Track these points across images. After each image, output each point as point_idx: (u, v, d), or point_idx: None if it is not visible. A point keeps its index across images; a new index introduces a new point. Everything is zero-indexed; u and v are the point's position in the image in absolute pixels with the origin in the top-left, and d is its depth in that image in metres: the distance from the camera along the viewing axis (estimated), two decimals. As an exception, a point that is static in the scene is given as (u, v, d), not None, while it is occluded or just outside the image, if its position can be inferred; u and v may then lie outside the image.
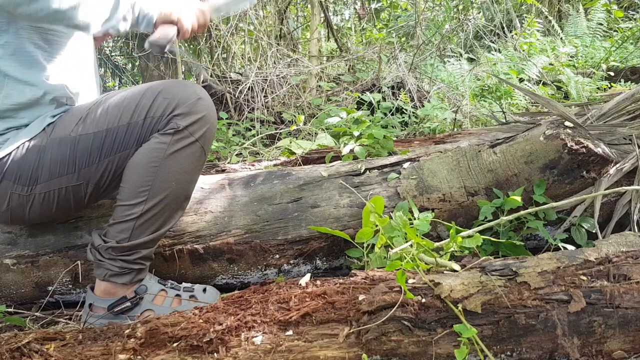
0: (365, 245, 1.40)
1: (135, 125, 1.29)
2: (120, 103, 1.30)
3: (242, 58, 4.12)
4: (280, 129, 3.28)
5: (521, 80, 3.77)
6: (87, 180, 1.32)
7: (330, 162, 1.92)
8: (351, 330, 1.06)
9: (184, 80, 1.37)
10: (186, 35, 1.36)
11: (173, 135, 1.28)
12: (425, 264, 1.22)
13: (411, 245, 1.23)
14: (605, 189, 1.44)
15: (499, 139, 1.59)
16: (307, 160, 2.15)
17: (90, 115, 1.30)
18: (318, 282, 1.20)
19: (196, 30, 1.38)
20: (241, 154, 2.88)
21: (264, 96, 3.53)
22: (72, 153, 1.29)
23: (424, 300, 1.06)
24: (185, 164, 1.30)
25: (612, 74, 3.83)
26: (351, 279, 1.19)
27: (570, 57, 4.29)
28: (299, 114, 3.44)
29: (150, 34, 1.31)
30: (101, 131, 1.29)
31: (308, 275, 1.25)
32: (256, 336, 1.06)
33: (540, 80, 3.78)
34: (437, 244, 1.33)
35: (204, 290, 1.43)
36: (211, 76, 3.74)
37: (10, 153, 1.29)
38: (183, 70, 4.35)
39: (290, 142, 2.70)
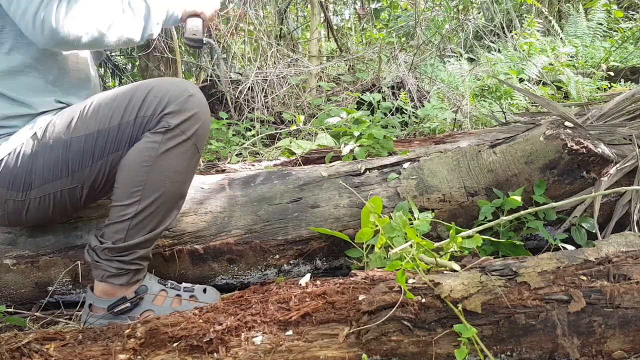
0: (365, 245, 1.40)
1: (127, 125, 1.27)
2: (111, 103, 1.29)
3: (242, 58, 4.12)
4: (280, 129, 3.28)
5: (521, 80, 3.77)
6: (82, 182, 1.31)
7: (330, 162, 1.92)
8: (351, 330, 1.06)
9: (174, 78, 1.36)
10: (208, 25, 1.50)
11: (164, 134, 1.26)
12: (425, 264, 1.22)
13: (411, 246, 1.23)
14: (605, 189, 1.44)
15: (499, 139, 1.59)
16: (307, 160, 2.15)
17: (81, 117, 1.29)
18: (318, 282, 1.20)
19: (214, 17, 1.51)
20: (241, 154, 2.88)
21: (264, 96, 3.53)
22: (64, 156, 1.28)
23: (424, 300, 1.06)
24: (178, 163, 1.29)
25: (612, 74, 3.84)
26: (351, 279, 1.19)
27: (570, 57, 4.29)
28: (299, 114, 3.44)
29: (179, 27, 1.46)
30: (92, 133, 1.28)
31: (308, 275, 1.25)
32: (256, 336, 1.06)
33: (540, 80, 3.78)
34: (437, 244, 1.33)
35: (204, 290, 1.42)
36: (211, 76, 3.74)
37: (2, 160, 1.28)
38: (183, 70, 4.35)
39: (290, 142, 2.70)
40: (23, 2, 1.13)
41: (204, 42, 1.45)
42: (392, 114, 3.30)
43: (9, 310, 1.47)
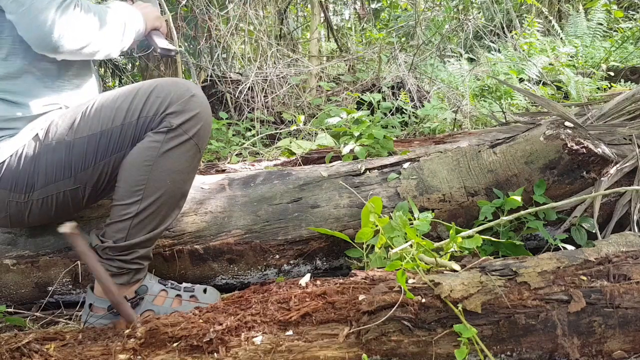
0: (365, 245, 1.40)
1: (129, 125, 1.28)
2: (113, 104, 1.29)
3: (242, 58, 4.12)
4: (280, 129, 3.28)
5: (521, 80, 3.77)
6: (84, 183, 1.31)
7: (330, 162, 1.92)
8: (351, 330, 1.06)
9: (176, 78, 1.37)
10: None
11: (166, 134, 1.27)
12: (425, 264, 1.22)
13: (411, 245, 1.23)
14: (605, 189, 1.44)
15: (499, 139, 1.59)
16: (307, 160, 2.15)
17: (83, 118, 1.29)
18: (318, 282, 1.20)
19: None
20: (241, 154, 2.88)
21: (264, 96, 3.53)
22: (67, 157, 1.28)
23: (424, 300, 1.06)
24: (180, 162, 1.29)
25: (612, 74, 3.84)
26: (351, 279, 1.19)
27: (570, 57, 4.29)
28: (299, 114, 3.44)
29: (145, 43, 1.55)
30: (95, 134, 1.28)
31: (308, 275, 1.25)
32: (256, 336, 1.06)
33: (540, 80, 3.78)
34: (437, 244, 1.33)
35: (205, 290, 1.42)
36: (211, 76, 3.74)
37: (4, 161, 1.27)
38: (183, 69, 4.35)
39: (290, 142, 2.70)
40: (31, 17, 1.17)
41: (178, 50, 1.55)
42: (392, 114, 3.30)
43: (9, 310, 1.47)
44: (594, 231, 1.45)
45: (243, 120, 3.46)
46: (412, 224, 1.42)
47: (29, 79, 1.30)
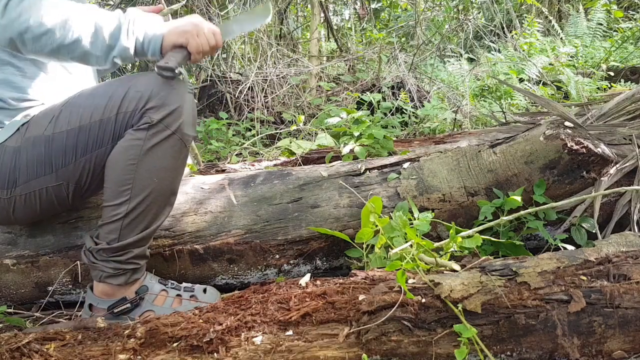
0: (365, 245, 1.40)
1: (108, 121, 1.25)
2: (92, 99, 1.27)
3: (242, 58, 4.12)
4: (280, 129, 3.28)
5: (521, 80, 3.77)
6: (67, 180, 1.30)
7: (330, 162, 1.92)
8: (351, 330, 1.06)
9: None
10: (197, 59, 1.29)
11: (148, 130, 1.24)
12: (425, 264, 1.22)
13: (411, 246, 1.23)
14: (605, 189, 1.44)
15: (499, 139, 1.59)
16: (307, 160, 2.15)
17: (63, 113, 1.27)
18: (318, 282, 1.20)
19: (207, 53, 1.29)
20: (241, 154, 2.88)
21: (264, 96, 3.53)
22: (47, 152, 1.27)
23: (424, 300, 1.06)
24: (165, 159, 1.27)
25: (612, 74, 3.84)
26: (351, 279, 1.19)
27: (570, 57, 4.30)
28: (299, 114, 3.44)
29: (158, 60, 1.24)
30: (74, 129, 1.26)
31: (308, 275, 1.25)
32: (256, 336, 1.06)
33: (540, 80, 3.78)
34: (437, 244, 1.33)
35: (205, 290, 1.42)
36: (211, 76, 3.74)
37: None
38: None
39: (290, 142, 2.70)
40: None
41: (177, 72, 1.22)
42: (392, 114, 3.30)
43: (9, 310, 1.47)
44: (594, 231, 1.45)
45: (243, 120, 3.46)
46: (412, 224, 1.42)
47: (6, 71, 1.29)
